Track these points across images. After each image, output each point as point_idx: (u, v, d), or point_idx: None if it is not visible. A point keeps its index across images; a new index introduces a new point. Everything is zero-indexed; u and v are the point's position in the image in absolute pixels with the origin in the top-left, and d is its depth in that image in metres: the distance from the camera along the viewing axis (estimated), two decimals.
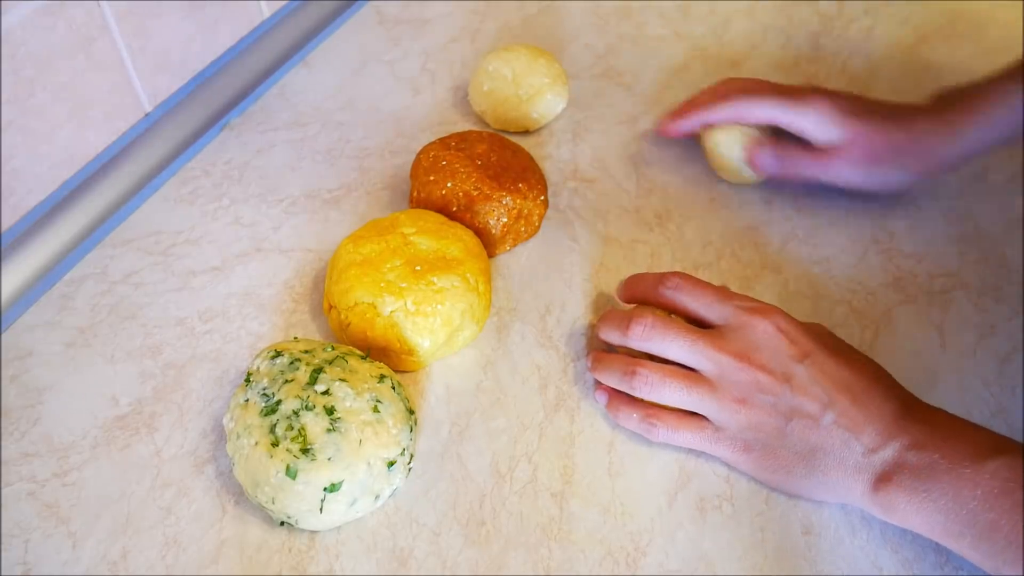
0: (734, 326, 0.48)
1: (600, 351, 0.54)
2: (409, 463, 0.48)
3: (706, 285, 0.51)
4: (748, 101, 0.62)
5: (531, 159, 0.64)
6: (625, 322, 0.50)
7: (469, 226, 0.59)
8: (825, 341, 0.48)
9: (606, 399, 0.52)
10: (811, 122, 0.59)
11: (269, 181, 0.68)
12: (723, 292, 0.50)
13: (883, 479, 0.44)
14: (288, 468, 0.44)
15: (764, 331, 0.47)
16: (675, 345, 0.49)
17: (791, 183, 0.63)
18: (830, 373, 0.46)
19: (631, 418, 0.50)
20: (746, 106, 0.62)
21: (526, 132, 0.71)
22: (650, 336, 0.49)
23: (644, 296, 0.53)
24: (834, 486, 0.46)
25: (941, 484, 0.42)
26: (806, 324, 0.49)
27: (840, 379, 0.46)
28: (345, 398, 0.46)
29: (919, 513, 0.43)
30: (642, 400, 0.50)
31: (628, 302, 0.54)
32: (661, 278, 0.52)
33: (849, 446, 0.45)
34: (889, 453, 0.44)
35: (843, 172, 0.60)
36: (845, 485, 0.45)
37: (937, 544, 0.46)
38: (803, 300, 0.58)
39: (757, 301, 0.50)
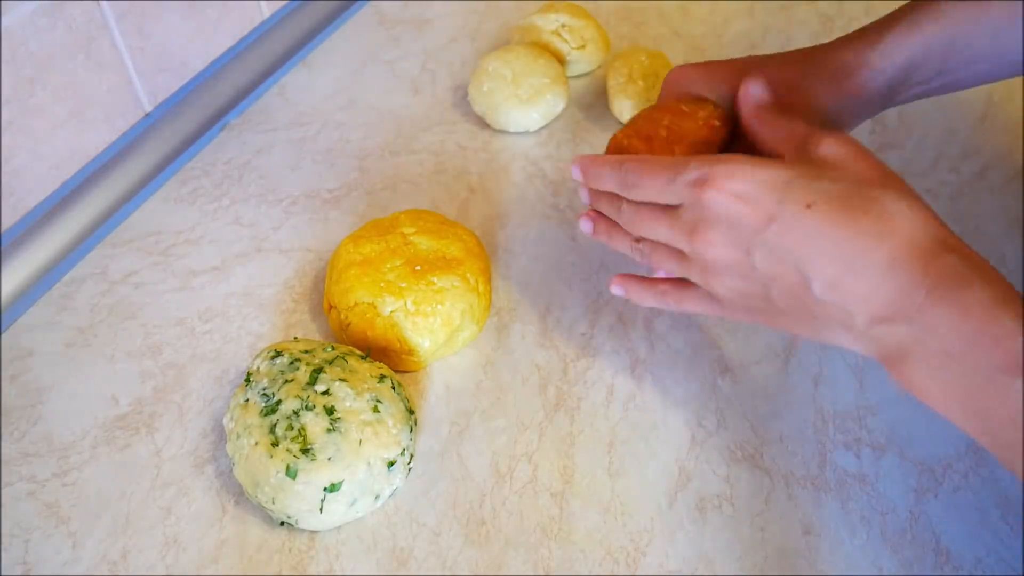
0: (688, 205, 0.43)
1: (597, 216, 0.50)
2: (409, 463, 0.48)
3: (655, 165, 0.45)
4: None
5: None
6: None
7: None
8: (805, 188, 0.40)
9: (591, 226, 0.49)
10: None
11: (269, 181, 0.68)
12: (673, 167, 0.43)
13: (896, 360, 0.39)
14: (288, 468, 0.44)
15: (716, 205, 0.41)
16: (649, 228, 0.46)
17: None
18: (805, 235, 0.39)
19: (624, 243, 0.48)
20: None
21: (526, 132, 0.71)
22: (631, 219, 0.46)
23: (611, 197, 0.48)
24: (848, 346, 0.41)
25: (967, 387, 0.37)
26: (790, 164, 0.42)
27: (821, 241, 0.39)
28: (345, 398, 0.46)
29: (942, 400, 0.38)
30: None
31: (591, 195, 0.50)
32: (616, 173, 0.46)
33: (850, 318, 0.39)
34: (901, 332, 0.38)
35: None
36: (855, 348, 0.41)
37: (937, 544, 0.46)
38: None
39: (709, 162, 0.42)
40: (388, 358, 0.53)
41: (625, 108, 0.69)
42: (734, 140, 0.52)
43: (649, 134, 0.50)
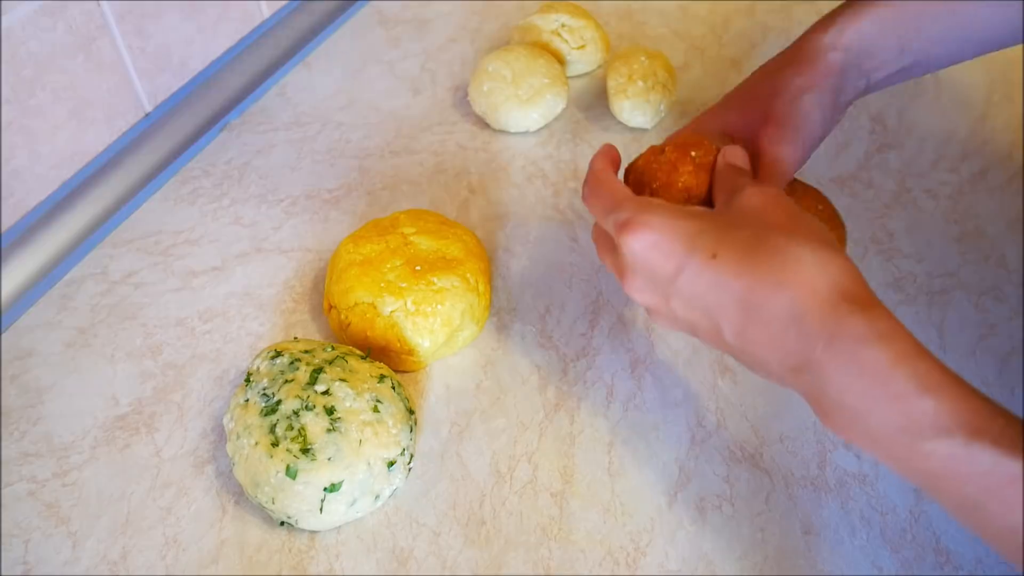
0: (619, 244, 0.42)
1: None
2: (409, 463, 0.48)
3: (598, 195, 0.45)
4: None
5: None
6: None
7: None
8: (712, 238, 0.40)
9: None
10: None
11: (269, 181, 0.68)
12: (610, 204, 0.44)
13: (815, 408, 0.39)
14: (288, 468, 0.44)
15: (633, 251, 0.41)
16: (602, 256, 0.47)
17: None
18: (710, 285, 0.39)
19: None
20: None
21: (526, 132, 0.71)
22: (587, 205, 0.47)
23: None
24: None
25: (877, 442, 0.37)
26: (704, 212, 0.42)
27: (724, 290, 0.39)
28: (345, 398, 0.46)
29: (866, 449, 0.38)
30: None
31: None
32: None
33: (766, 364, 0.40)
34: (808, 383, 0.38)
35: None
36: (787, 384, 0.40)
37: (937, 544, 0.46)
38: None
39: (634, 210, 0.42)
40: (388, 358, 0.53)
41: (624, 108, 0.69)
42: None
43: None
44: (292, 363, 0.48)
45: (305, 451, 0.45)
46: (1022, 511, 0.33)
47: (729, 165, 0.47)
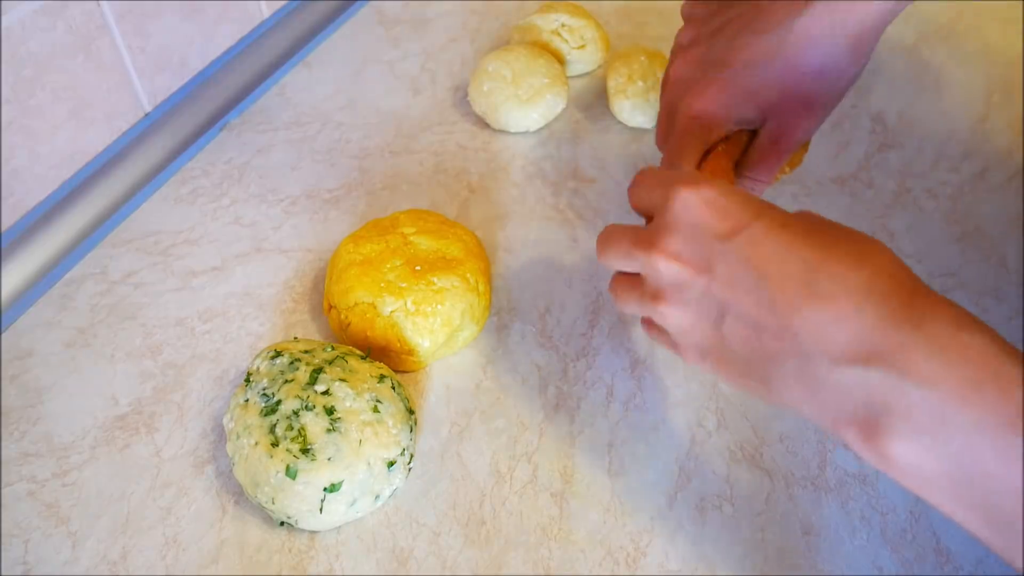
0: (659, 210, 0.38)
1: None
2: (409, 463, 0.48)
3: (648, 179, 0.41)
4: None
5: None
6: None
7: None
8: (782, 212, 0.36)
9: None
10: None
11: (269, 181, 0.68)
12: (663, 176, 0.40)
13: (866, 422, 0.33)
14: (288, 468, 0.44)
15: (684, 206, 0.37)
16: (609, 255, 0.41)
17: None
18: (773, 252, 0.34)
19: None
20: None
21: (526, 132, 0.71)
22: (599, 251, 0.43)
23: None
24: (806, 407, 0.35)
25: (961, 451, 0.31)
26: (766, 205, 0.37)
27: (789, 259, 0.34)
28: (345, 398, 0.46)
29: (926, 473, 0.32)
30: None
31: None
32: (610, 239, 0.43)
33: (809, 362, 0.34)
34: (875, 380, 0.32)
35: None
36: (817, 411, 0.34)
37: (937, 544, 0.46)
38: None
39: (692, 173, 0.39)
40: (388, 358, 0.53)
41: (624, 108, 0.69)
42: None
43: None
44: (292, 363, 0.48)
45: (305, 451, 0.45)
46: None
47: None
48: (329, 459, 0.45)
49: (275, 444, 0.45)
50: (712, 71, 0.49)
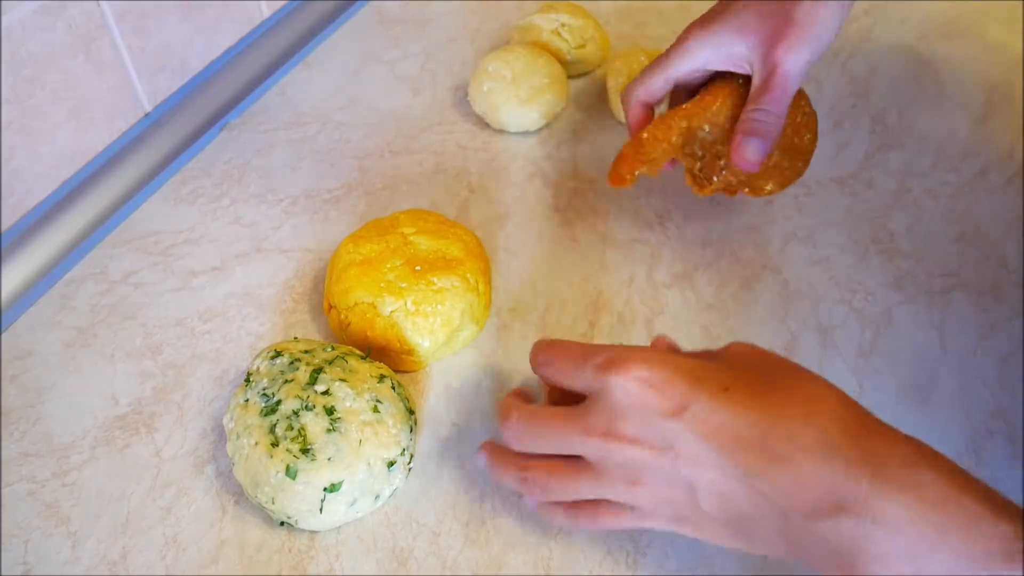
0: (596, 394, 0.39)
1: (492, 446, 0.44)
2: (409, 463, 0.48)
3: (567, 349, 0.41)
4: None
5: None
6: (500, 422, 0.42)
7: None
8: (718, 374, 0.37)
9: (484, 459, 0.44)
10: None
11: (269, 181, 0.68)
12: (583, 352, 0.40)
13: (848, 564, 0.34)
14: (288, 468, 0.44)
15: (624, 392, 0.37)
16: (545, 441, 0.41)
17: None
18: (722, 423, 0.35)
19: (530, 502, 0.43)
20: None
21: (526, 132, 0.71)
22: (521, 438, 0.41)
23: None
24: (790, 554, 0.36)
25: (930, 570, 0.32)
26: (696, 355, 0.39)
27: (739, 427, 0.35)
28: (345, 398, 0.46)
29: None
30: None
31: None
32: (533, 353, 0.43)
33: (783, 518, 0.35)
34: (847, 529, 0.33)
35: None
36: (800, 555, 0.36)
37: None
38: (803, 300, 0.58)
39: (616, 351, 0.39)
40: (388, 358, 0.53)
41: None
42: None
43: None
44: (292, 363, 0.48)
45: (305, 451, 0.45)
46: None
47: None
48: (329, 459, 0.45)
49: (275, 444, 0.45)
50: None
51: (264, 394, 0.47)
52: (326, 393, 0.46)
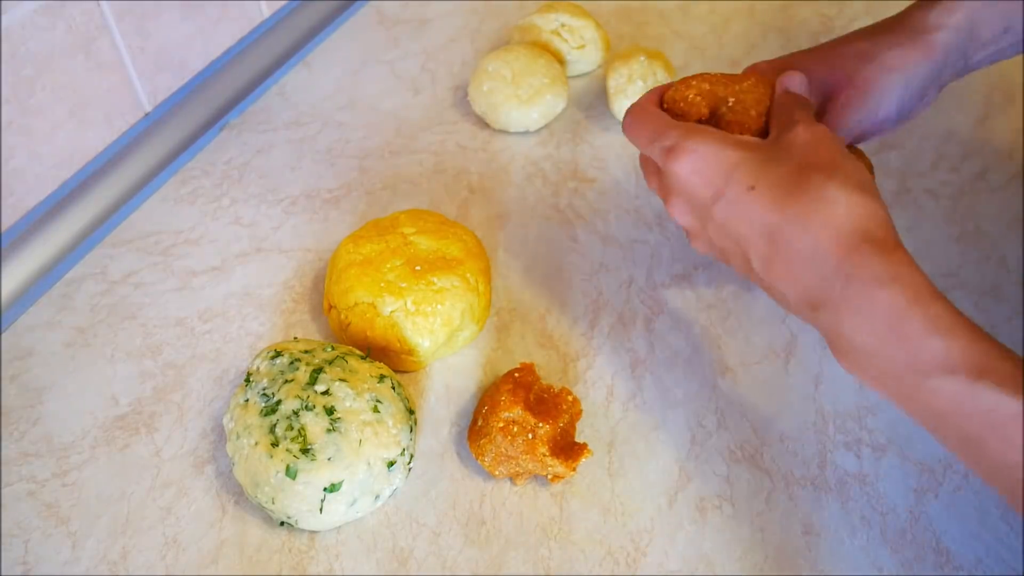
0: (663, 170, 0.45)
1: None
2: (409, 463, 0.48)
3: (642, 123, 0.46)
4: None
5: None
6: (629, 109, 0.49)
7: None
8: (753, 169, 0.41)
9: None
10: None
11: (269, 181, 0.68)
12: (655, 132, 0.45)
13: (831, 345, 0.40)
14: (288, 468, 0.44)
15: (677, 176, 0.44)
16: (638, 143, 0.47)
17: None
18: (744, 215, 0.41)
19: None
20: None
21: (526, 132, 0.71)
22: (631, 136, 0.48)
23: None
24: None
25: (889, 382, 0.38)
26: (748, 143, 0.43)
27: (756, 223, 0.41)
28: (345, 398, 0.46)
29: (878, 390, 0.40)
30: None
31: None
32: (625, 114, 0.48)
33: (785, 298, 0.42)
34: (826, 320, 0.40)
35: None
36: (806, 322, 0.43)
37: (937, 544, 0.46)
38: None
39: (679, 135, 0.44)
40: (388, 358, 0.53)
41: (624, 108, 0.69)
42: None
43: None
44: (292, 363, 0.48)
45: (305, 451, 0.45)
46: (1022, 449, 0.34)
47: (788, 93, 0.47)
48: (329, 459, 0.45)
49: (275, 444, 0.45)
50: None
51: (264, 394, 0.47)
52: (326, 393, 0.46)
